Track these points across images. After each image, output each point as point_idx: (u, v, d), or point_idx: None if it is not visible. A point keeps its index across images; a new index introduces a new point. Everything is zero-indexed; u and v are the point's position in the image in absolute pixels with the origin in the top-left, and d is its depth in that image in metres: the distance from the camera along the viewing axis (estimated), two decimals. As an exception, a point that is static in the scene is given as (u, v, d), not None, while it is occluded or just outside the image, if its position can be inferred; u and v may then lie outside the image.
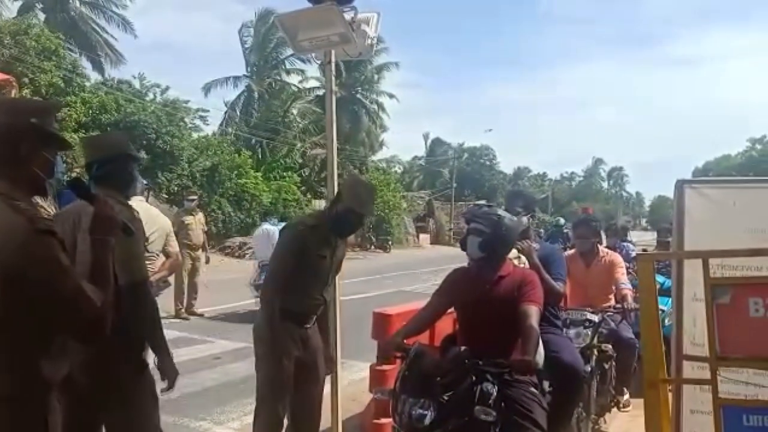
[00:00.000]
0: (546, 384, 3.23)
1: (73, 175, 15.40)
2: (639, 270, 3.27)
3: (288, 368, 3.35)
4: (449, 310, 3.47)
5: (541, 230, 14.52)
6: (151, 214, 4.86)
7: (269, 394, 3.43)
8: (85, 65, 24.89)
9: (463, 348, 2.98)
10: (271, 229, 10.88)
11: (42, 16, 25.78)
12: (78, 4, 28.78)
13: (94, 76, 25.85)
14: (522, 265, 3.65)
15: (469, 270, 3.37)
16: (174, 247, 5.12)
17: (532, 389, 3.02)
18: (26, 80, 17.67)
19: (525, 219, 3.87)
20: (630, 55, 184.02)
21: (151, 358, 2.84)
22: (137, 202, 4.48)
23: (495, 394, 2.82)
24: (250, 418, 5.10)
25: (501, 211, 3.30)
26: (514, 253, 3.57)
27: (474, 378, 2.85)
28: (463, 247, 3.30)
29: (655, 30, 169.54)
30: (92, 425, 2.64)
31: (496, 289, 3.16)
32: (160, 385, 2.80)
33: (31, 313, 1.71)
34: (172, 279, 6.76)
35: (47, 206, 5.08)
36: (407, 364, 2.96)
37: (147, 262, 4.22)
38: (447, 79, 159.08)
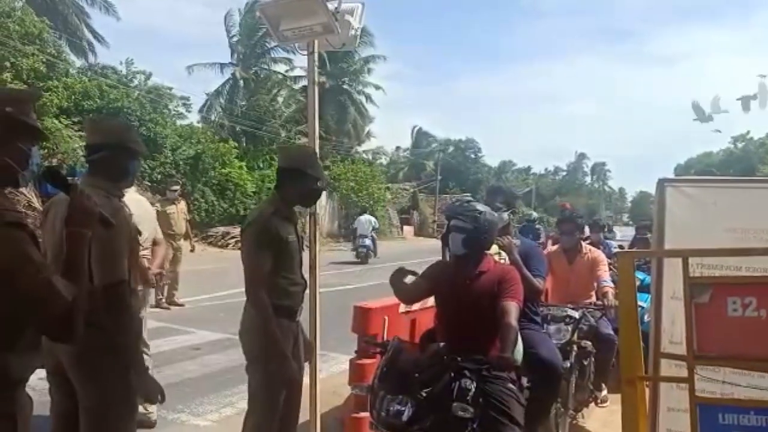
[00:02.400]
0: (524, 380, 3.24)
1: (54, 161, 15.18)
2: (619, 267, 3.28)
3: (291, 367, 3.30)
4: (430, 305, 3.47)
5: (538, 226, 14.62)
6: (144, 208, 4.78)
7: (269, 395, 3.33)
8: (67, 50, 24.43)
9: (441, 344, 2.98)
10: (371, 218, 20.56)
11: (22, -1, 25.28)
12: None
13: (76, 61, 25.48)
14: (502, 261, 3.65)
15: (450, 265, 3.37)
16: (160, 234, 5.10)
17: (510, 385, 3.02)
18: (8, 64, 17.35)
19: (505, 215, 3.88)
20: (611, 51, 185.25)
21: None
22: (128, 193, 4.42)
23: (473, 390, 2.82)
24: (228, 411, 5.10)
25: (482, 207, 3.29)
26: (494, 248, 3.58)
27: (452, 374, 2.84)
28: (445, 243, 3.31)
29: (634, 26, 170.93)
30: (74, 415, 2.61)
31: (476, 285, 3.16)
32: None
33: None
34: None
35: (27, 192, 5.02)
36: (386, 359, 2.95)
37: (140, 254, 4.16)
38: (431, 72, 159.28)
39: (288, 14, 3.69)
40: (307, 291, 3.62)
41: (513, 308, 3.00)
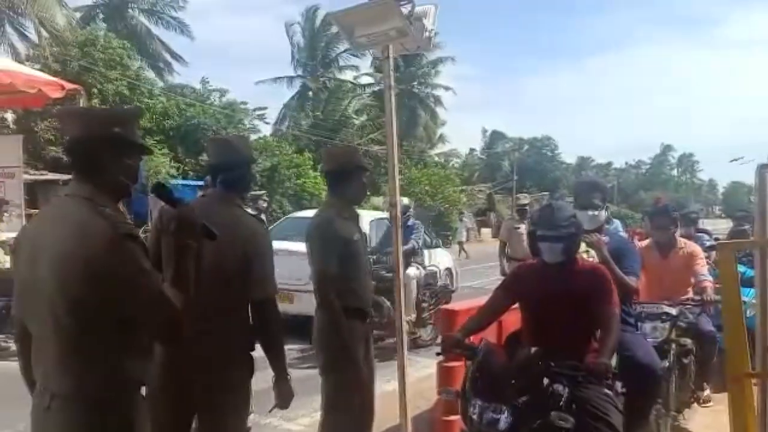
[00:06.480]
0: (618, 385, 3.06)
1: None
2: (720, 259, 3.11)
3: (361, 373, 3.33)
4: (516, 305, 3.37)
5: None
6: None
7: (342, 400, 3.40)
8: (148, 72, 25.73)
9: (534, 349, 2.85)
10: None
11: (103, 26, 26.80)
12: (136, 12, 29.82)
13: (159, 81, 26.79)
14: (591, 259, 3.49)
15: (536, 265, 3.24)
16: None
17: (606, 390, 2.88)
18: (95, 91, 18.41)
19: (604, 214, 3.71)
20: (690, 38, 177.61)
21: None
22: None
23: (566, 395, 2.70)
24: (319, 415, 5.17)
25: (570, 209, 3.21)
26: (582, 246, 3.43)
27: (548, 381, 2.74)
28: (535, 253, 3.18)
29: (710, 11, 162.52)
30: (186, 421, 2.71)
31: (567, 287, 3.03)
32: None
33: (114, 314, 1.77)
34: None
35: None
36: (477, 364, 2.86)
37: None
38: (502, 71, 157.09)
39: (362, 21, 3.72)
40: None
41: (614, 315, 2.90)
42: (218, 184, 2.86)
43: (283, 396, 2.77)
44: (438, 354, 3.13)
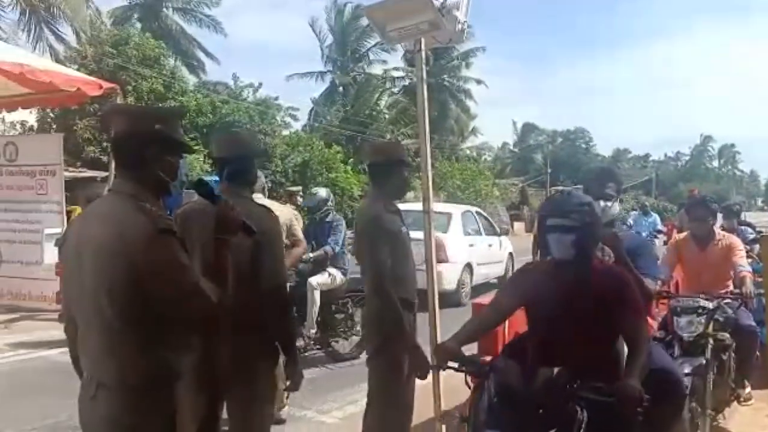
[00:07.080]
0: None
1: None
2: (763, 252, 3.02)
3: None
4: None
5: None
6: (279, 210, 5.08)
7: (394, 387, 3.44)
8: (182, 70, 26.17)
9: (556, 369, 2.45)
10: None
11: (138, 26, 27.32)
12: (170, 11, 30.29)
13: (191, 79, 27.26)
14: (606, 258, 3.21)
15: (547, 263, 2.81)
16: (298, 234, 5.37)
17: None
18: (129, 88, 18.76)
19: (617, 206, 3.47)
20: (732, 25, 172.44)
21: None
22: (259, 199, 4.69)
23: (585, 419, 2.36)
24: (352, 408, 5.21)
25: (586, 197, 2.85)
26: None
27: (571, 405, 2.37)
28: (544, 248, 2.74)
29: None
30: (214, 412, 2.75)
31: (585, 292, 2.62)
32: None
33: (153, 308, 1.82)
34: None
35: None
36: (489, 384, 2.46)
37: None
38: (535, 64, 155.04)
39: (394, 15, 3.71)
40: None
41: (642, 327, 2.61)
42: (225, 178, 2.92)
43: (294, 378, 2.84)
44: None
